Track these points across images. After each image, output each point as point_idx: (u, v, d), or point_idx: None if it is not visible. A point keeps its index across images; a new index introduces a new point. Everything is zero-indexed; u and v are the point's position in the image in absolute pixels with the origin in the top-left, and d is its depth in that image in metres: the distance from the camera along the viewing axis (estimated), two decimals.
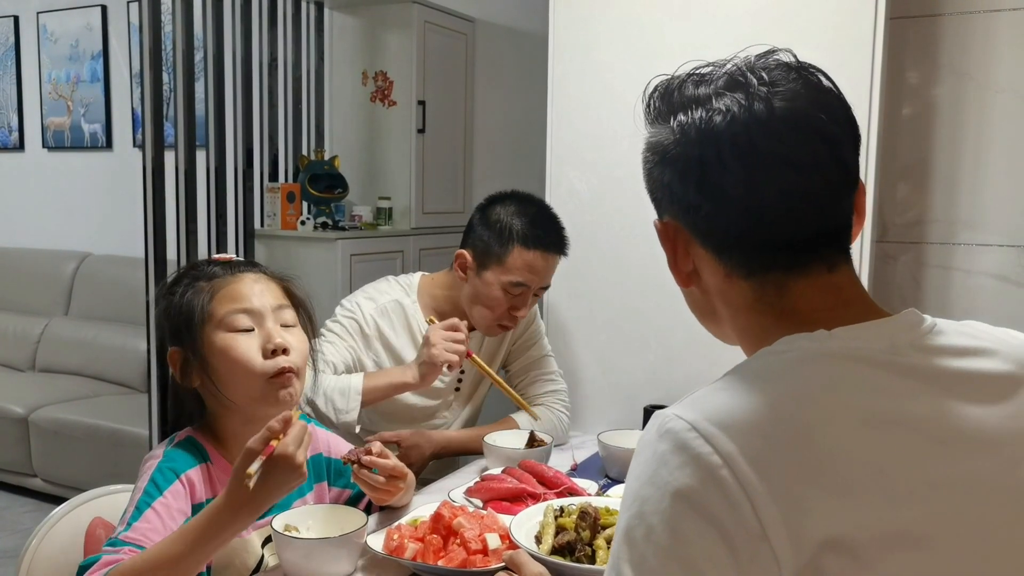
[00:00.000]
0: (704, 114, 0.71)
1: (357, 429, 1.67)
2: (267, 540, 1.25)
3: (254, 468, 1.01)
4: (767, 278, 0.72)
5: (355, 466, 1.31)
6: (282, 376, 1.18)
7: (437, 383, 1.81)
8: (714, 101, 0.71)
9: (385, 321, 1.81)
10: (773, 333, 0.71)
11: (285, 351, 1.18)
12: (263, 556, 1.25)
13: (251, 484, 1.01)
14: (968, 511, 0.62)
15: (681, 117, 0.73)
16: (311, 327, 1.29)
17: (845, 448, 0.61)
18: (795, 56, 0.74)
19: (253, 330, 1.18)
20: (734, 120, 0.70)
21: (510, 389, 1.78)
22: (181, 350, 1.19)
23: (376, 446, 1.32)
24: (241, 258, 1.27)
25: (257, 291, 1.20)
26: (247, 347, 1.16)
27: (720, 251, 0.74)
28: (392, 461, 1.32)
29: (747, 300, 0.74)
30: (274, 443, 1.03)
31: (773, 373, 0.67)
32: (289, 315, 1.23)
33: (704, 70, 0.76)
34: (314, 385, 1.58)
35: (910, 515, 0.60)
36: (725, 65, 0.74)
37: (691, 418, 0.63)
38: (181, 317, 1.18)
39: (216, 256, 1.27)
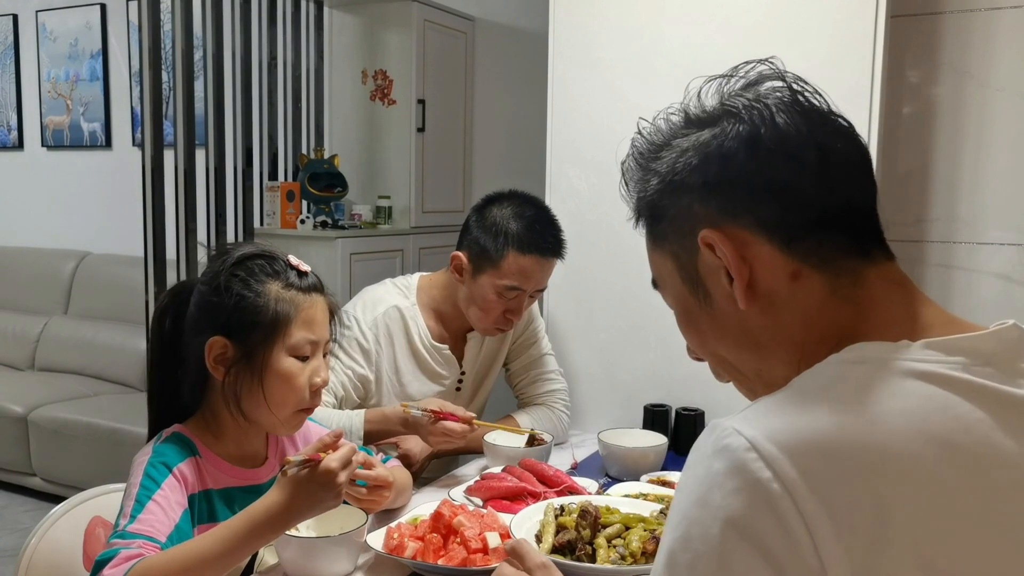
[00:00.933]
0: (756, 96, 0.71)
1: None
2: None
3: (296, 459, 1.05)
4: (841, 266, 0.67)
5: None
6: (308, 411, 1.24)
7: (438, 386, 1.84)
8: (760, 97, 0.71)
9: (383, 333, 1.79)
10: (847, 332, 0.65)
11: (323, 386, 1.24)
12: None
13: (288, 471, 1.05)
14: None
15: (739, 100, 0.71)
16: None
17: (922, 483, 0.55)
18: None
19: (308, 358, 1.21)
20: (783, 102, 0.70)
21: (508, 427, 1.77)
22: (231, 345, 1.17)
23: (358, 456, 1.31)
24: (309, 268, 1.25)
25: (326, 323, 1.24)
26: (304, 381, 1.20)
27: (790, 241, 0.67)
28: (375, 472, 1.30)
29: (820, 297, 0.67)
30: (322, 455, 1.07)
31: (847, 387, 0.60)
32: (329, 345, 1.27)
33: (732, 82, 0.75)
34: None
35: (982, 564, 0.55)
36: (758, 68, 0.74)
37: (751, 435, 0.57)
38: (253, 319, 1.16)
39: (292, 260, 1.23)
